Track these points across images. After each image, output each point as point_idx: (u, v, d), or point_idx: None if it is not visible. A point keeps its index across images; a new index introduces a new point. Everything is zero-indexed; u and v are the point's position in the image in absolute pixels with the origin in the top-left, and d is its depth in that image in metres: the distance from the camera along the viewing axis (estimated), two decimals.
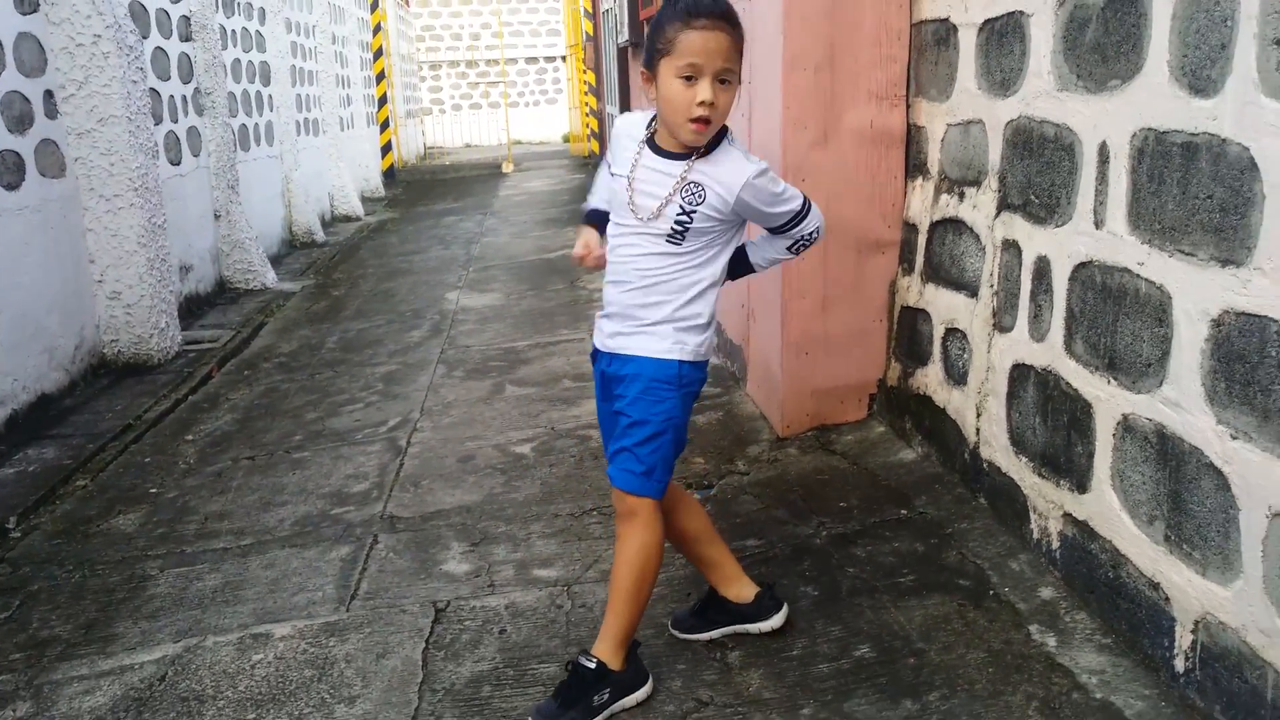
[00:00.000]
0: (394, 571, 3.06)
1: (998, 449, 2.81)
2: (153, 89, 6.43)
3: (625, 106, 7.14)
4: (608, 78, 7.76)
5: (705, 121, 2.05)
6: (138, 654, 2.73)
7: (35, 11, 4.97)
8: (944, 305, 3.14)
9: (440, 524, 3.36)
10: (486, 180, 15.20)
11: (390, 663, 2.57)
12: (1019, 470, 2.69)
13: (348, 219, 11.77)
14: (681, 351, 2.20)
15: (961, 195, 3.00)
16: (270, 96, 9.37)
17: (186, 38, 7.10)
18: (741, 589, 2.52)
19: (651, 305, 2.20)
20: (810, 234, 2.27)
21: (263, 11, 9.23)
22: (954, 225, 3.06)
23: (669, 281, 2.18)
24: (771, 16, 3.38)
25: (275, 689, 2.51)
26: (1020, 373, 2.67)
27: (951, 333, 3.08)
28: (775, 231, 2.27)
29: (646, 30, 2.29)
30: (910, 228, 3.41)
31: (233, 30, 8.31)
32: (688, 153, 2.15)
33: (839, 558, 2.86)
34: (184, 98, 7.01)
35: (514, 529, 3.27)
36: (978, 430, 2.92)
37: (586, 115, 13.72)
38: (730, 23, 2.04)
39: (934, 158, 3.22)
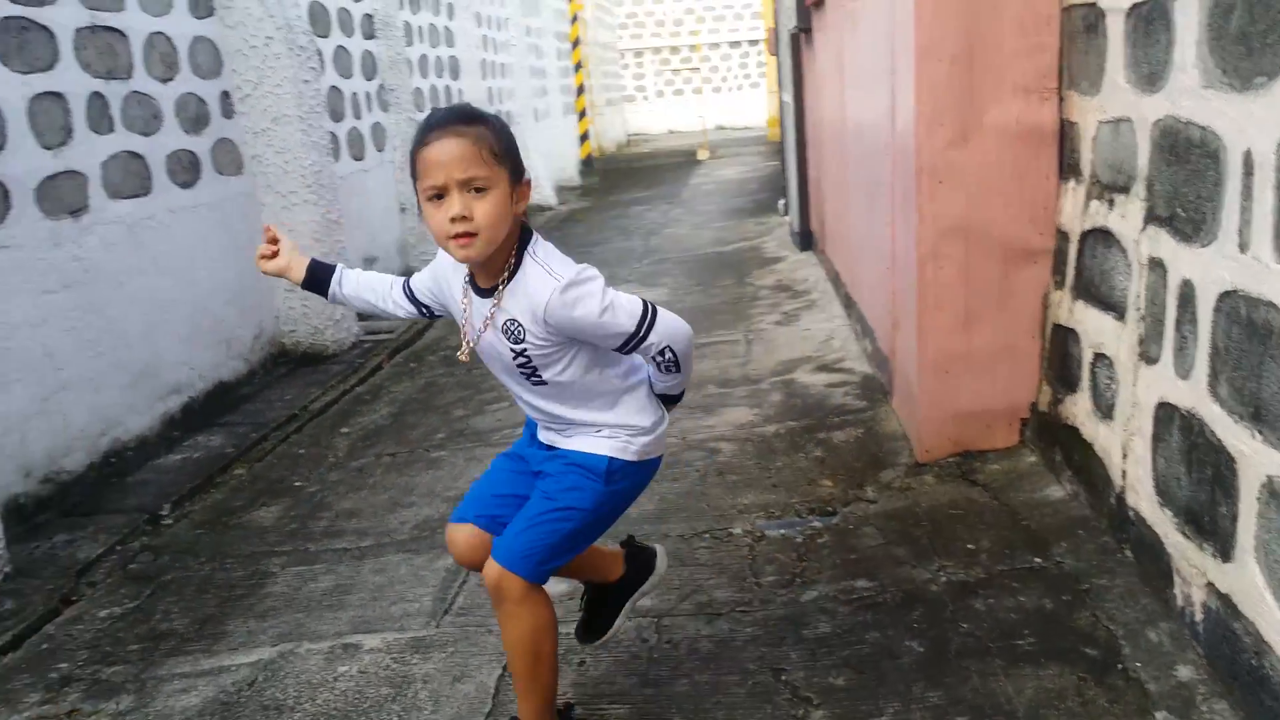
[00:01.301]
0: None
1: (1143, 497, 2.46)
2: (334, 86, 6.66)
3: (798, 94, 6.87)
4: (781, 63, 7.51)
5: (468, 235, 1.79)
6: (238, 655, 2.78)
7: (210, 15, 5.21)
8: (1093, 326, 2.79)
9: None
10: (681, 168, 15.15)
11: (464, 688, 2.51)
12: (1163, 525, 2.34)
13: (540, 209, 11.97)
14: (625, 451, 2.01)
15: (1111, 202, 2.64)
16: (461, 90, 9.60)
17: (370, 35, 7.34)
18: (615, 567, 2.33)
19: (578, 417, 2.02)
20: (664, 352, 1.94)
21: (450, 7, 9.45)
22: (1103, 236, 2.70)
23: (576, 397, 1.99)
24: (904, 2, 3.10)
25: (350, 705, 2.49)
26: (1165, 413, 2.31)
27: (1100, 358, 2.73)
28: (622, 351, 1.96)
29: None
30: (1063, 235, 3.05)
31: (419, 26, 8.55)
32: (494, 288, 1.91)
33: (954, 609, 2.58)
34: (367, 94, 7.25)
35: None
36: (1124, 473, 2.57)
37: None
38: (466, 122, 1.81)
39: (1086, 158, 2.86)
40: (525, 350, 1.91)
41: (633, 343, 1.91)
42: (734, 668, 2.46)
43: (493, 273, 1.91)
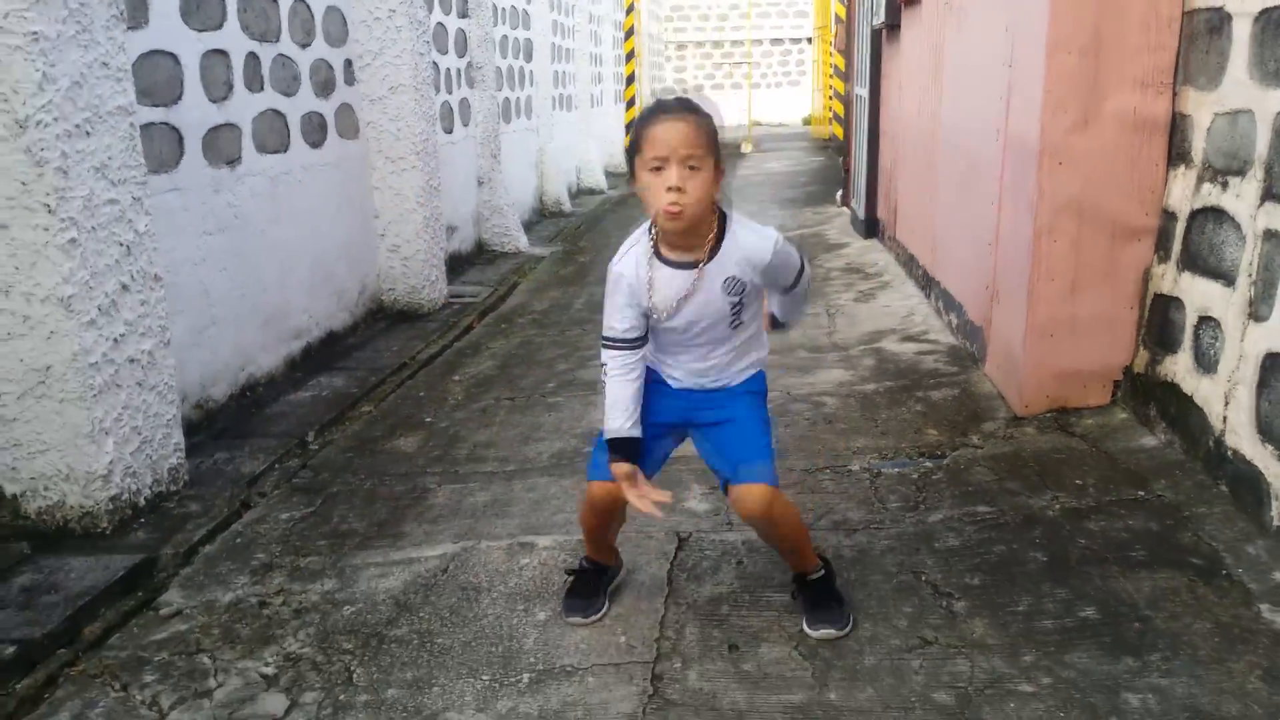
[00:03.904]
0: None
1: (1244, 437, 2.81)
2: (433, 61, 7.02)
3: (875, 89, 7.21)
4: (859, 59, 7.83)
5: (677, 211, 2.17)
6: (423, 549, 3.14)
7: None
8: (1199, 294, 3.14)
9: (682, 469, 3.59)
10: (726, 160, 15.42)
11: (639, 577, 2.87)
12: (1264, 458, 2.70)
13: (591, 192, 12.34)
14: (763, 364, 2.57)
15: (1224, 184, 2.99)
16: (531, 72, 9.96)
17: (464, 14, 7.70)
18: (613, 555, 2.84)
19: (746, 359, 2.51)
20: (808, 280, 2.47)
21: None
22: (1215, 214, 3.05)
23: (749, 339, 2.48)
24: None
25: (539, 588, 2.85)
26: (1272, 362, 2.67)
27: (1205, 321, 3.08)
28: (786, 290, 2.47)
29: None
30: (1169, 216, 3.40)
31: (503, 8, 8.90)
32: (696, 261, 2.30)
33: (1070, 529, 2.94)
34: (458, 70, 7.61)
35: None
36: (1224, 418, 2.92)
37: (830, 98, 13.78)
38: (693, 113, 2.20)
39: (1198, 146, 3.20)
40: (743, 299, 2.35)
41: (801, 272, 2.42)
42: (877, 569, 2.82)
43: (695, 244, 2.29)
